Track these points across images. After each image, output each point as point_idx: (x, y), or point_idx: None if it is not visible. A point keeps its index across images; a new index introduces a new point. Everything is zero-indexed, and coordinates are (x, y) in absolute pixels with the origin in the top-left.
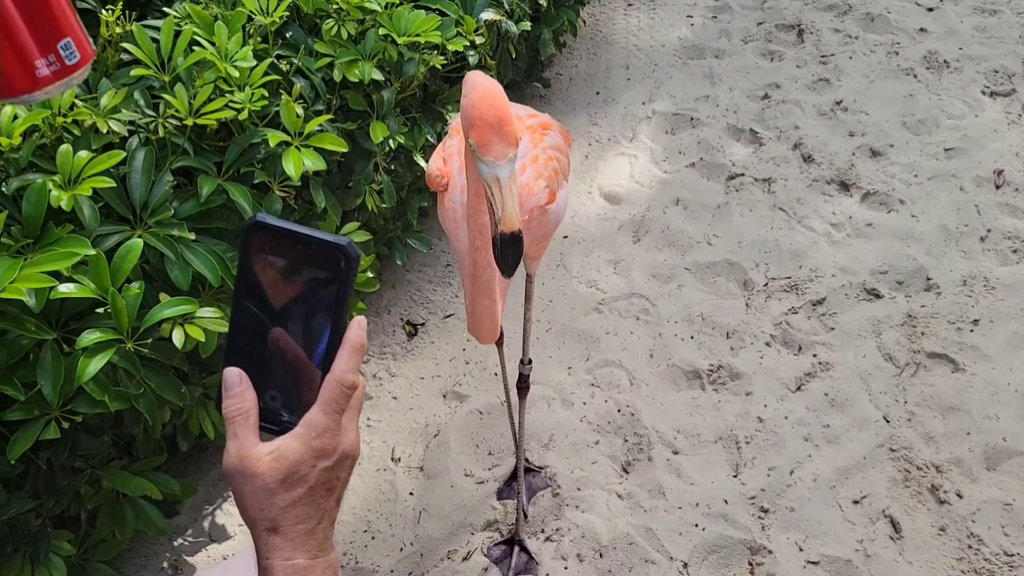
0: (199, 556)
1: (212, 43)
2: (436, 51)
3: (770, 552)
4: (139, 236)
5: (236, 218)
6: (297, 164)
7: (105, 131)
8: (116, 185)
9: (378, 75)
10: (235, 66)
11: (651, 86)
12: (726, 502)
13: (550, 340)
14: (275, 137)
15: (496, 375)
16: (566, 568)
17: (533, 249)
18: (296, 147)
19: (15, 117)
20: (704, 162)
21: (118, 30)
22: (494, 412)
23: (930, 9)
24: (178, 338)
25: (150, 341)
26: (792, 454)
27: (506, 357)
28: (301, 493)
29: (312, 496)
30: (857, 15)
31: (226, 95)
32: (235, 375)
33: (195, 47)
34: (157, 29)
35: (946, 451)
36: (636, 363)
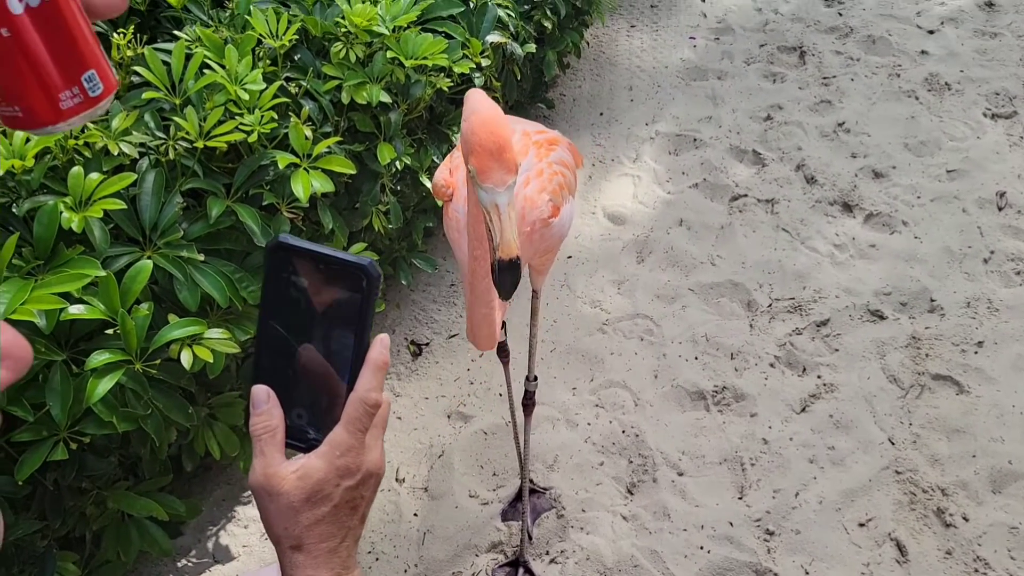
0: None
1: (222, 66)
2: (443, 73)
3: (776, 575)
4: (148, 257)
5: (245, 239)
6: (305, 186)
7: (116, 153)
8: (126, 207)
9: (385, 97)
10: (245, 89)
11: (654, 107)
12: (731, 524)
13: (554, 360)
14: (284, 159)
15: (500, 395)
16: None
17: (538, 262)
18: (304, 169)
19: (27, 139)
20: (707, 183)
21: (129, 53)
22: (499, 432)
23: (931, 31)
24: (186, 359)
25: (158, 362)
26: (797, 476)
27: (511, 374)
28: (325, 512)
29: (336, 514)
30: (858, 37)
31: (236, 117)
32: (263, 393)
33: (205, 70)
34: (168, 52)
35: (952, 474)
36: (640, 384)
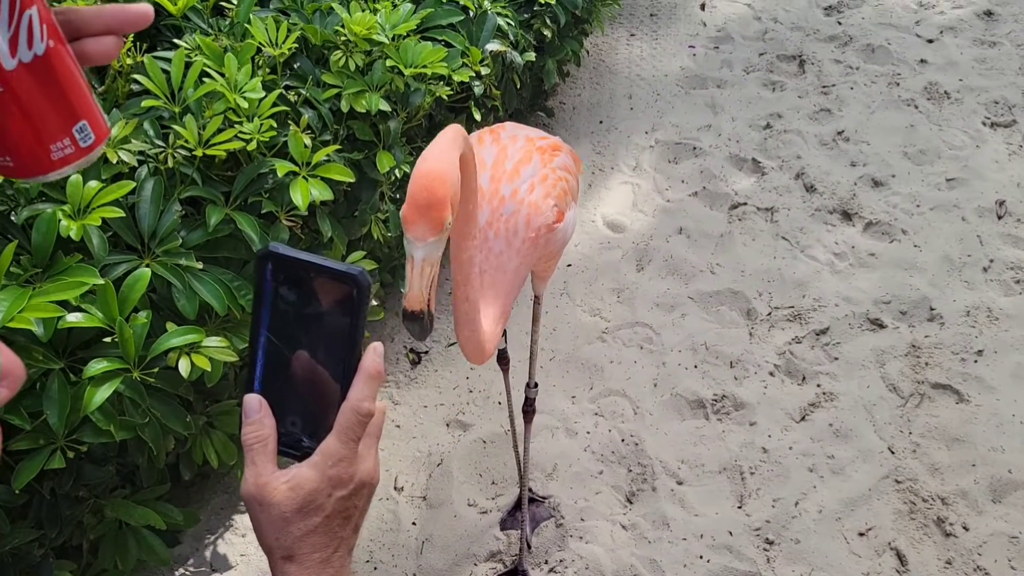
0: None
1: (222, 74)
2: (442, 82)
3: None
4: (147, 265)
5: (243, 248)
6: (304, 194)
7: (115, 161)
8: (125, 215)
9: (385, 106)
10: (244, 97)
11: (654, 115)
12: (731, 534)
13: (554, 369)
14: (283, 167)
15: (499, 403)
16: None
17: (541, 268)
18: (303, 177)
19: None
20: (707, 191)
21: (129, 61)
22: (497, 441)
23: (930, 40)
24: (184, 367)
25: (156, 370)
26: (797, 485)
27: (511, 382)
28: (317, 522)
29: (328, 525)
30: (858, 46)
31: (235, 126)
32: (255, 402)
33: (205, 78)
34: (168, 60)
35: (951, 483)
36: (640, 392)
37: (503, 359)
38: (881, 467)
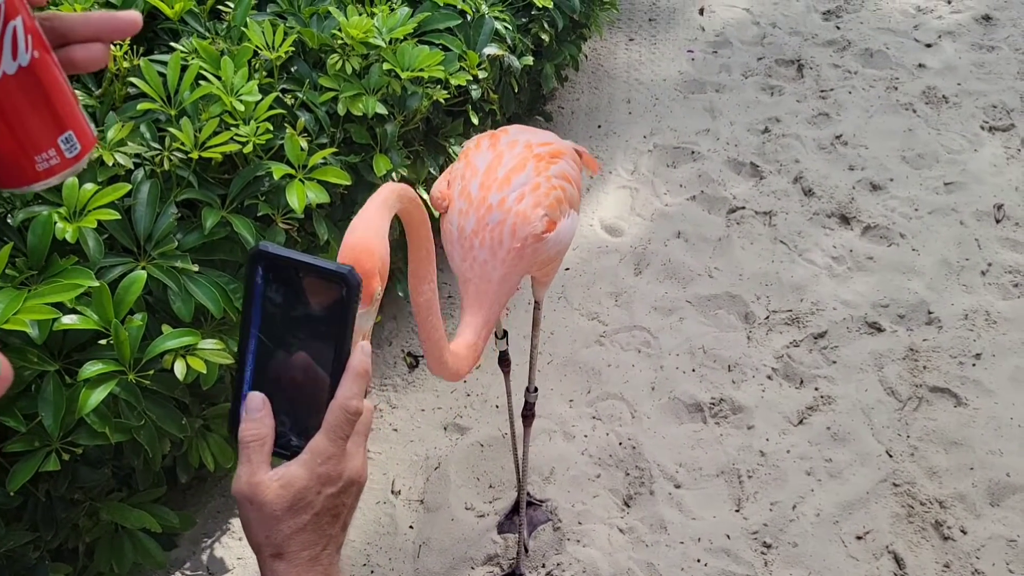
0: None
1: (218, 77)
2: (439, 85)
3: None
4: (143, 268)
5: (239, 250)
6: (300, 197)
7: (111, 164)
8: (121, 217)
9: (382, 109)
10: (241, 100)
11: (652, 120)
12: (728, 537)
13: (551, 372)
14: (279, 170)
15: (497, 407)
16: None
17: (540, 274)
18: (300, 180)
19: None
20: (705, 195)
21: (125, 64)
22: (495, 445)
23: (928, 45)
24: (180, 370)
25: (152, 372)
26: (794, 488)
27: (511, 385)
28: (306, 520)
29: (318, 523)
30: (856, 51)
31: (231, 129)
32: (258, 400)
33: (201, 81)
34: (164, 64)
35: (949, 486)
36: (637, 396)
37: (504, 361)
38: (879, 470)
